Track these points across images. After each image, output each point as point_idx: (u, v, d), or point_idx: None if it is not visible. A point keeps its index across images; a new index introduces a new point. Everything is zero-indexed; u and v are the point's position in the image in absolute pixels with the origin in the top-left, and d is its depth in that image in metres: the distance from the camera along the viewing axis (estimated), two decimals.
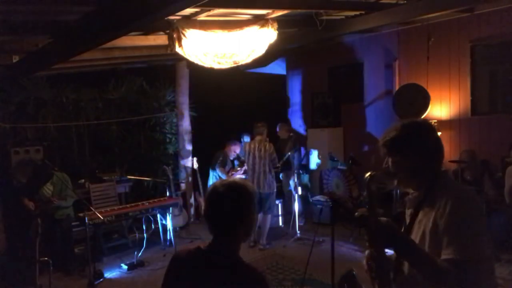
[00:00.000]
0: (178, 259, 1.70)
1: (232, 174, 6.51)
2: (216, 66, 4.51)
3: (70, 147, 6.64)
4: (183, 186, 7.28)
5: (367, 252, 1.59)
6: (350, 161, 6.39)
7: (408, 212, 1.70)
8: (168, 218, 5.74)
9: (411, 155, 1.61)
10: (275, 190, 5.79)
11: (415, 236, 1.62)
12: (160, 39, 4.95)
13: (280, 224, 6.81)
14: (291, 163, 6.28)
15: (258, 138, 5.78)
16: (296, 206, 6.12)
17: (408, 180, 1.70)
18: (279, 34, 4.69)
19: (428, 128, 1.67)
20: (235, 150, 6.63)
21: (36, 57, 4.62)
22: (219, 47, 4.42)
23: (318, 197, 6.83)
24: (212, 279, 1.55)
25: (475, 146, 5.68)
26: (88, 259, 4.62)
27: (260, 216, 5.66)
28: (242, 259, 1.61)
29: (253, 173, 5.72)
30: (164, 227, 5.85)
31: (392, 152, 1.66)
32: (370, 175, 1.59)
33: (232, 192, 1.58)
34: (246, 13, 4.52)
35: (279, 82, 8.78)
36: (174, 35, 4.18)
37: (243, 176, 6.34)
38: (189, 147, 7.44)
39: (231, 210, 1.58)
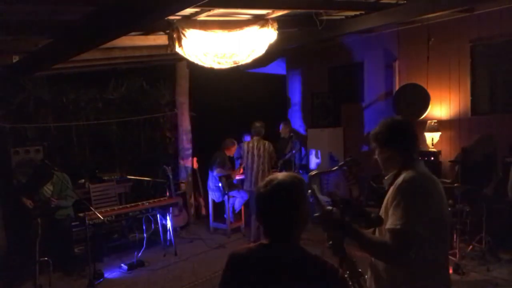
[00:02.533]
0: (238, 256, 1.58)
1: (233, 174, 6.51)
2: (216, 66, 4.51)
3: (70, 147, 6.64)
4: (183, 186, 7.29)
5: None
6: (350, 161, 6.40)
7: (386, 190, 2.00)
8: (168, 218, 5.74)
9: (390, 146, 1.97)
10: None
11: (382, 211, 1.93)
12: (160, 39, 4.95)
13: None
14: (292, 163, 6.28)
15: (256, 137, 5.79)
16: None
17: (386, 166, 2.03)
18: (279, 34, 4.69)
19: (404, 125, 2.02)
20: (234, 150, 6.63)
21: (36, 57, 4.62)
22: (219, 47, 4.42)
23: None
24: (281, 274, 1.47)
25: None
26: (88, 259, 4.62)
27: None
28: (308, 251, 1.54)
29: (251, 172, 5.73)
30: (164, 227, 5.85)
31: (376, 144, 2.03)
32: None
33: (279, 191, 1.51)
34: (246, 13, 4.52)
35: (279, 82, 8.78)
36: (174, 35, 4.18)
37: (242, 176, 6.34)
38: (189, 147, 7.44)
39: (283, 210, 1.51)
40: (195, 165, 7.13)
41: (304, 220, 1.57)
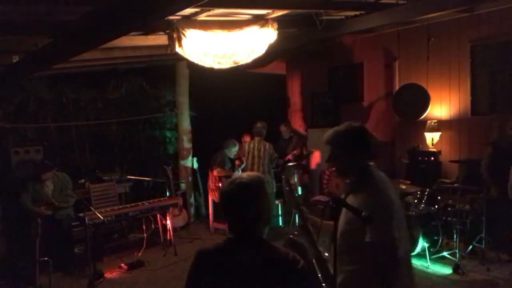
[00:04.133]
0: (206, 253, 1.66)
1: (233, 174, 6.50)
2: (216, 66, 4.51)
3: (70, 147, 6.64)
4: (183, 186, 7.29)
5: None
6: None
7: (344, 196, 2.04)
8: (168, 218, 5.74)
9: (340, 150, 2.02)
10: (273, 190, 5.76)
11: (342, 215, 1.93)
12: (160, 39, 4.95)
13: (280, 224, 6.81)
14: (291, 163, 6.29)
15: (257, 138, 5.78)
16: None
17: (340, 170, 2.13)
18: (279, 34, 4.69)
19: (357, 131, 2.05)
20: (233, 149, 6.60)
21: (36, 57, 4.62)
22: (219, 47, 4.42)
23: (318, 197, 6.83)
24: (246, 268, 1.55)
25: (475, 146, 5.68)
26: (88, 259, 4.62)
27: None
28: (270, 244, 1.62)
29: (254, 171, 5.74)
30: (164, 227, 5.85)
31: (338, 150, 2.04)
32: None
33: (240, 190, 1.59)
34: (246, 13, 4.52)
35: (279, 82, 8.78)
36: (174, 35, 4.18)
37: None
38: (189, 147, 7.44)
39: (244, 207, 1.59)
40: (195, 165, 7.12)
41: (265, 216, 1.64)
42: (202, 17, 4.35)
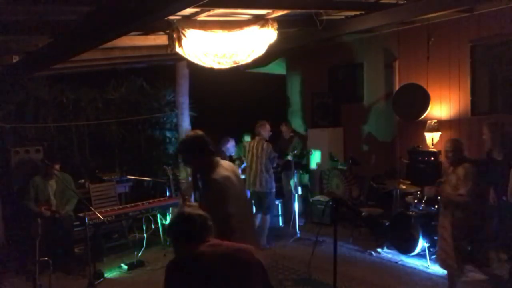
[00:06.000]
0: (173, 265, 1.93)
1: None
2: (216, 66, 4.51)
3: (70, 147, 6.64)
4: (183, 186, 7.28)
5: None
6: (350, 161, 6.40)
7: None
8: (168, 218, 5.74)
9: (188, 155, 2.69)
10: (272, 190, 5.71)
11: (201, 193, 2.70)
12: (160, 39, 4.95)
13: (280, 224, 6.81)
14: (291, 163, 6.28)
15: (258, 137, 5.78)
16: (296, 206, 6.12)
17: (193, 168, 2.79)
18: (279, 34, 4.69)
19: (196, 138, 2.66)
20: (230, 147, 6.56)
21: (36, 57, 4.62)
22: (219, 47, 4.42)
23: (318, 197, 6.83)
24: (207, 270, 1.84)
25: (475, 146, 5.68)
26: (88, 259, 4.62)
27: (259, 216, 5.67)
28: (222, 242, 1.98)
29: (250, 171, 5.76)
30: (164, 227, 5.84)
31: (189, 154, 2.69)
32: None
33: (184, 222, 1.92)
34: (246, 13, 4.52)
35: (279, 82, 8.78)
36: (174, 35, 4.18)
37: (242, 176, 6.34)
38: None
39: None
40: None
41: (211, 224, 1.94)
42: (202, 17, 4.35)
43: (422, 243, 4.83)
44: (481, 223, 4.46)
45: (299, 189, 6.32)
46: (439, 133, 5.90)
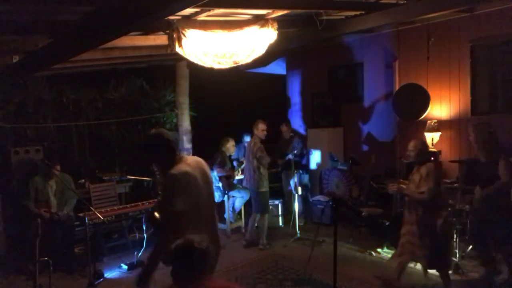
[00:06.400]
0: None
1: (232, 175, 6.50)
2: (216, 66, 4.51)
3: (70, 147, 6.64)
4: None
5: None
6: (350, 161, 6.40)
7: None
8: None
9: (150, 153, 2.77)
10: (261, 190, 5.62)
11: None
12: (160, 39, 4.95)
13: (280, 224, 6.81)
14: (292, 163, 6.28)
15: (253, 136, 5.81)
16: (296, 206, 6.12)
17: (157, 165, 3.05)
18: (279, 34, 4.69)
19: (156, 136, 2.74)
20: (230, 147, 6.57)
21: (36, 57, 4.62)
22: (219, 47, 4.42)
23: (318, 197, 6.83)
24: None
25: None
26: (88, 259, 4.62)
27: (258, 216, 5.70)
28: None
29: (245, 169, 5.85)
30: None
31: (151, 153, 2.78)
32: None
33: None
34: (246, 13, 4.52)
35: (279, 82, 8.79)
36: (174, 35, 4.18)
37: (241, 176, 6.36)
38: (189, 147, 7.43)
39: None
40: None
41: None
42: (202, 17, 4.35)
43: None
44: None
45: (299, 189, 6.33)
46: (439, 133, 5.90)
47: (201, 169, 2.75)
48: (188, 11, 4.09)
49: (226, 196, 6.36)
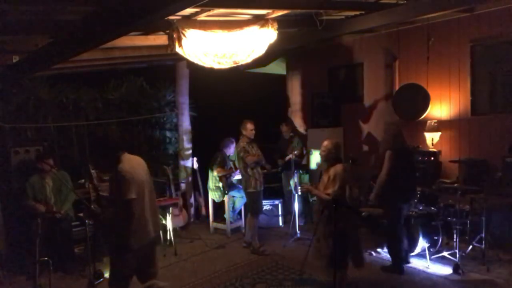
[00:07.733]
0: None
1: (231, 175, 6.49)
2: (216, 66, 4.51)
3: (70, 147, 6.63)
4: (183, 186, 7.28)
5: None
6: (350, 161, 6.39)
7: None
8: (168, 218, 5.74)
9: (97, 157, 3.46)
10: (248, 190, 5.60)
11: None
12: (160, 39, 4.95)
13: (280, 224, 6.81)
14: (291, 163, 6.28)
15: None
16: (296, 206, 6.12)
17: (103, 168, 3.60)
18: (279, 34, 4.69)
19: (100, 141, 3.53)
20: (232, 147, 6.58)
21: (36, 57, 4.61)
22: (219, 47, 4.42)
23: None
24: None
25: (475, 146, 5.68)
26: (88, 259, 4.62)
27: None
28: None
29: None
30: (164, 227, 5.84)
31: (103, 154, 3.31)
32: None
33: None
34: (246, 13, 4.52)
35: (279, 82, 8.78)
36: (174, 35, 4.18)
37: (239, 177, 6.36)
38: (189, 147, 7.43)
39: None
40: (195, 165, 7.12)
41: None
42: (202, 17, 4.35)
43: (422, 243, 4.83)
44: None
45: (299, 189, 6.32)
46: (439, 133, 5.90)
47: (141, 166, 3.33)
48: (188, 11, 4.10)
49: (226, 196, 6.37)
